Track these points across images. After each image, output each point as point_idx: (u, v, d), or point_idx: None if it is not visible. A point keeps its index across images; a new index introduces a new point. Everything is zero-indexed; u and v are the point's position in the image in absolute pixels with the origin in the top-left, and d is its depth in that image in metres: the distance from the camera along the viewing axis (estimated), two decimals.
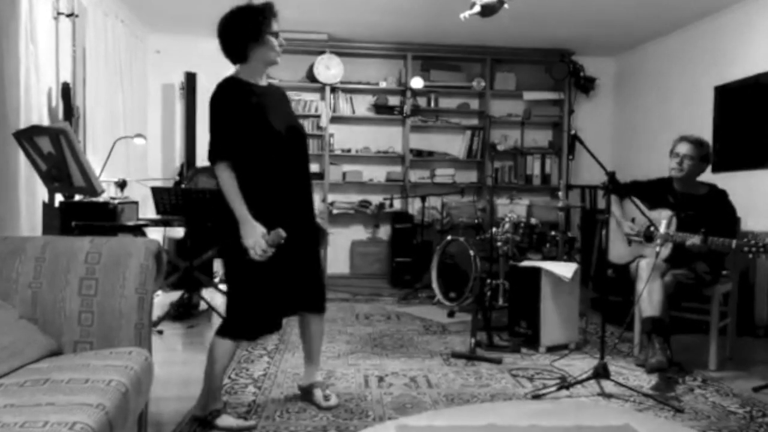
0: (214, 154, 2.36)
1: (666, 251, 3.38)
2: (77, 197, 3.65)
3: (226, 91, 2.40)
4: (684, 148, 3.53)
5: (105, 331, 1.97)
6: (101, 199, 3.61)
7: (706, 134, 5.09)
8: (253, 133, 2.33)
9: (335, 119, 6.49)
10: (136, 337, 1.97)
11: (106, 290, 1.98)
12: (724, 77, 5.11)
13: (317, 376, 2.79)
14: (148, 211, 4.62)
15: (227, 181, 2.33)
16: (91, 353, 1.91)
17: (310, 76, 6.38)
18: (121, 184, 4.18)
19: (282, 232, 2.27)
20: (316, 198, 2.74)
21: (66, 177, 2.90)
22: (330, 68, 6.31)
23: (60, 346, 1.96)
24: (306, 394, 2.78)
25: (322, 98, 6.43)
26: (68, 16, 4.24)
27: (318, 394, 2.73)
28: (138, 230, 3.72)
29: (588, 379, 3.00)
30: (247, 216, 2.29)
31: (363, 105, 6.58)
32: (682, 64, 5.72)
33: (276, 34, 2.40)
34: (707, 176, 3.77)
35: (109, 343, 1.97)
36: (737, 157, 4.91)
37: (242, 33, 2.38)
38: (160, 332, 4.05)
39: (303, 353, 2.81)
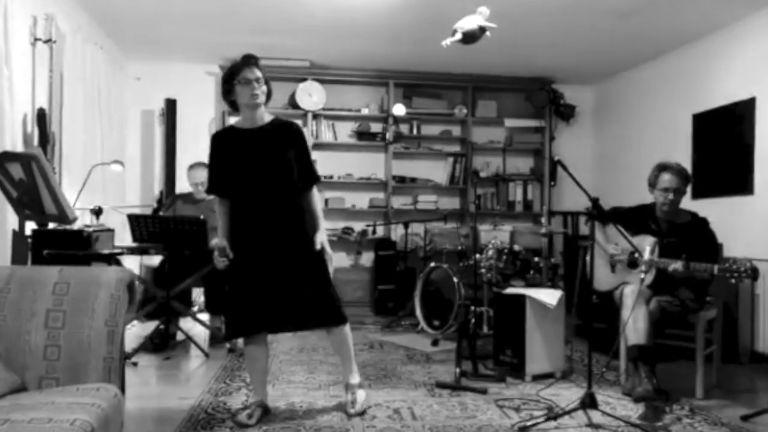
0: (206, 190, 3.03)
1: (650, 277, 3.36)
2: (51, 225, 3.54)
3: (212, 138, 2.95)
4: (671, 182, 3.51)
5: (72, 366, 1.87)
6: (75, 226, 3.51)
7: (686, 161, 5.14)
8: (228, 171, 2.86)
9: (317, 146, 6.46)
10: (105, 372, 1.88)
11: (74, 323, 1.89)
12: (701, 105, 5.18)
13: (351, 378, 3.07)
14: (125, 239, 4.51)
15: (217, 210, 2.99)
16: (57, 390, 1.81)
17: (292, 103, 6.36)
18: (97, 212, 4.08)
19: (220, 244, 2.88)
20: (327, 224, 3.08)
21: (37, 204, 2.81)
22: (312, 95, 6.30)
23: (24, 382, 1.86)
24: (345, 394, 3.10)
25: (305, 125, 6.40)
26: (46, 42, 4.18)
27: (348, 398, 3.03)
28: (112, 259, 3.62)
29: (575, 409, 2.94)
30: (216, 247, 2.95)
31: (345, 132, 6.57)
32: (660, 93, 5.80)
33: (247, 81, 2.76)
34: (688, 203, 3.78)
35: (77, 379, 1.87)
36: (716, 183, 4.95)
37: (223, 89, 2.88)
38: (135, 364, 3.91)
39: None
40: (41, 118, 4.06)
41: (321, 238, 2.90)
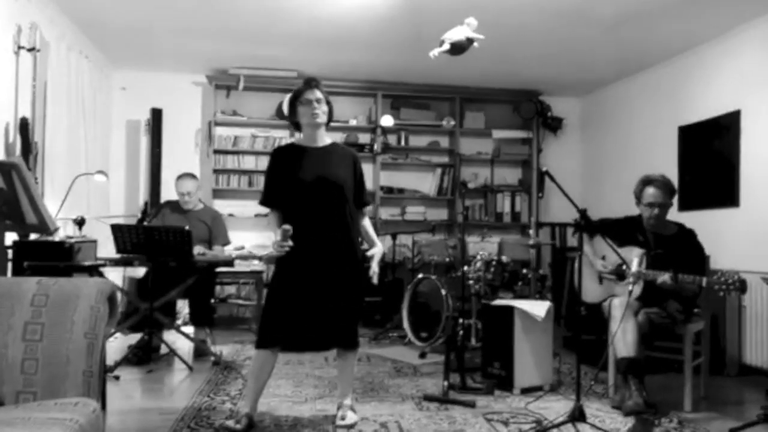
0: (260, 201, 3.07)
1: (638, 289, 3.35)
2: (32, 236, 3.48)
3: (273, 152, 3.10)
4: (656, 196, 3.51)
5: (50, 380, 1.81)
6: (57, 237, 3.44)
7: (672, 173, 5.16)
8: (287, 185, 2.94)
9: None
10: (84, 386, 1.82)
11: (52, 335, 1.83)
12: (687, 118, 5.23)
13: (346, 399, 3.07)
14: (109, 250, 4.44)
15: (269, 219, 3.07)
16: (34, 404, 1.75)
17: (280, 113, 6.34)
18: (80, 222, 4.01)
19: (286, 226, 2.77)
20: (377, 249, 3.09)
21: (18, 214, 2.75)
22: None
23: (0, 396, 1.80)
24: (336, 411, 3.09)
25: (291, 135, 6.38)
26: (29, 50, 4.13)
27: (338, 413, 3.04)
28: (95, 270, 3.55)
29: (564, 422, 2.91)
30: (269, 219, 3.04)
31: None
32: (647, 105, 5.85)
33: (308, 102, 2.92)
34: (675, 215, 3.79)
35: (55, 393, 1.81)
36: (702, 196, 4.98)
37: (288, 110, 3.07)
38: (117, 378, 3.83)
39: None
40: (24, 127, 4.00)
41: (378, 254, 3.02)
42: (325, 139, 3.06)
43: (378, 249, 3.05)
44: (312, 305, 2.86)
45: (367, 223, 3.14)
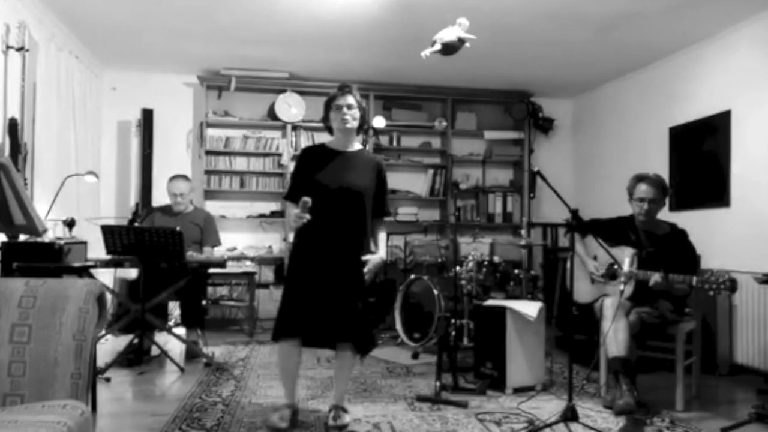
0: (284, 197, 3.14)
1: (630, 289, 3.36)
2: (21, 237, 3.45)
3: (302, 151, 3.14)
4: (648, 192, 3.53)
5: (38, 383, 1.79)
6: (46, 239, 3.42)
7: (663, 173, 5.17)
8: (308, 184, 2.96)
9: (296, 158, 6.41)
10: (73, 388, 1.80)
11: (40, 337, 1.81)
12: (678, 118, 5.25)
13: (337, 401, 3.07)
14: (100, 251, 4.41)
15: (286, 212, 3.24)
16: (22, 407, 1.73)
17: (272, 114, 6.32)
18: (70, 223, 3.98)
19: (305, 198, 2.79)
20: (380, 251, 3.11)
21: (6, 215, 2.72)
22: (291, 106, 6.27)
23: None
24: (327, 413, 3.08)
25: (284, 136, 6.37)
26: (18, 50, 4.09)
27: (330, 414, 3.03)
28: (84, 272, 3.52)
29: (556, 422, 2.92)
30: (288, 217, 3.01)
31: None
32: (638, 106, 5.87)
33: (339, 107, 2.98)
34: (666, 215, 3.80)
35: (43, 396, 1.79)
36: (693, 196, 5.00)
37: (323, 115, 3.09)
38: (108, 380, 3.80)
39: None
40: (13, 127, 3.97)
41: (375, 262, 3.00)
42: (355, 144, 3.11)
43: (375, 257, 3.02)
44: (324, 302, 2.90)
45: (379, 231, 3.11)
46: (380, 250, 3.08)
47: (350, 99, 2.99)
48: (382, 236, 3.13)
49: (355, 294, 2.95)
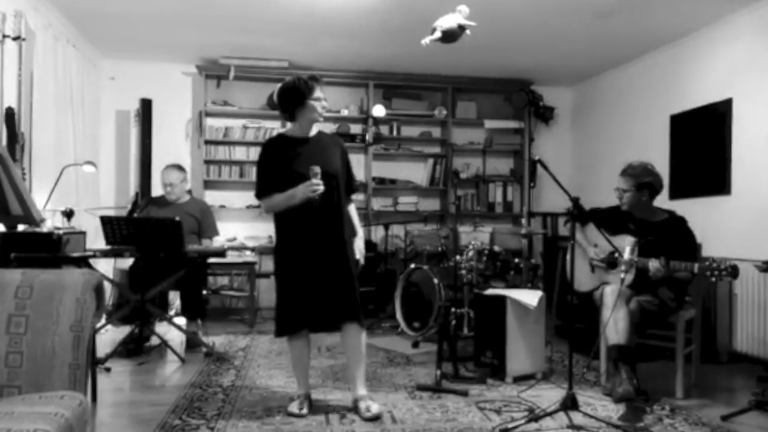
0: (256, 194, 3.08)
1: (630, 277, 3.35)
2: (20, 227, 3.43)
3: (264, 145, 3.13)
4: (619, 183, 3.59)
5: (35, 374, 1.78)
6: (45, 229, 3.40)
7: (663, 161, 5.17)
8: (281, 175, 2.95)
9: None
10: (71, 379, 1.79)
11: (37, 328, 1.81)
12: (679, 106, 5.22)
13: (360, 390, 3.05)
14: (100, 241, 4.40)
15: (267, 205, 3.05)
16: (18, 398, 1.72)
17: (271, 104, 6.28)
18: (68, 214, 3.96)
19: (315, 168, 2.86)
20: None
21: (2, 205, 2.71)
22: None
23: None
24: (354, 405, 3.05)
25: (283, 125, 6.33)
26: (15, 39, 4.06)
27: (361, 406, 2.99)
28: (83, 262, 3.51)
29: (556, 411, 2.92)
30: (290, 192, 2.91)
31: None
32: (638, 94, 5.83)
33: (318, 99, 2.99)
34: (666, 203, 3.79)
35: (40, 387, 1.78)
36: (694, 184, 4.98)
37: (291, 101, 3.01)
38: (108, 370, 3.81)
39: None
40: (10, 117, 3.95)
41: (359, 246, 3.14)
42: (314, 128, 3.12)
43: (359, 239, 3.17)
44: (319, 288, 2.96)
45: (352, 209, 3.20)
46: (359, 230, 3.19)
47: (322, 90, 3.04)
48: (354, 213, 3.20)
49: (347, 273, 3.00)
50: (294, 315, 2.99)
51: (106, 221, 4.03)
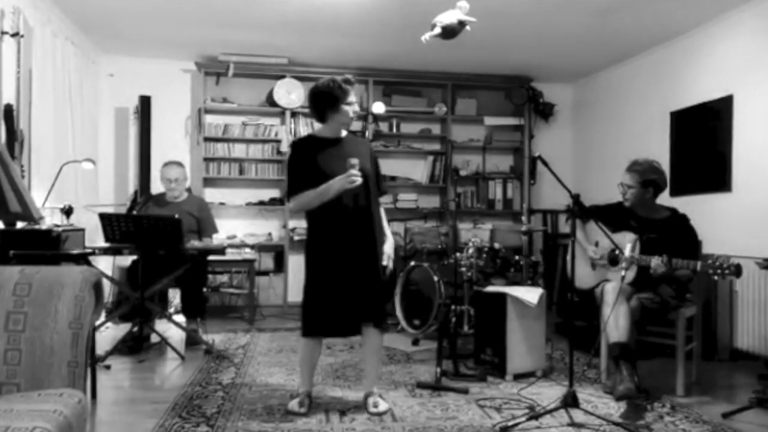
0: (287, 194, 3.06)
1: (631, 274, 3.34)
2: (19, 224, 3.42)
3: (293, 145, 3.17)
4: (625, 178, 3.58)
5: (34, 371, 1.77)
6: (44, 226, 3.39)
7: (664, 158, 5.16)
8: (312, 175, 2.94)
9: None
10: (70, 376, 1.78)
11: (35, 325, 1.79)
12: (679, 103, 5.20)
13: (370, 387, 3.10)
14: (100, 239, 4.39)
15: (298, 203, 3.00)
16: (17, 396, 1.72)
17: (270, 101, 6.27)
18: (67, 211, 3.95)
19: (352, 159, 2.85)
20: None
21: (1, 202, 2.70)
22: (290, 93, 6.21)
23: None
24: (364, 400, 3.09)
25: (283, 123, 6.32)
26: (13, 35, 4.04)
27: (369, 401, 3.04)
28: (82, 259, 3.50)
29: (557, 408, 2.91)
30: (324, 186, 2.89)
31: None
32: (639, 91, 5.82)
33: (351, 103, 2.99)
34: (666, 200, 3.77)
35: (39, 385, 1.77)
36: (694, 181, 4.97)
37: (324, 103, 3.01)
38: (108, 367, 3.80)
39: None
40: (8, 114, 3.93)
41: (388, 251, 3.08)
42: (342, 130, 3.12)
43: (388, 244, 3.11)
44: (348, 292, 2.94)
45: (382, 212, 3.17)
46: (388, 234, 3.15)
47: (355, 93, 3.04)
48: (384, 216, 3.17)
49: (375, 276, 2.99)
50: (324, 317, 2.96)
51: (105, 218, 4.02)
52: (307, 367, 3.11)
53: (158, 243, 4.02)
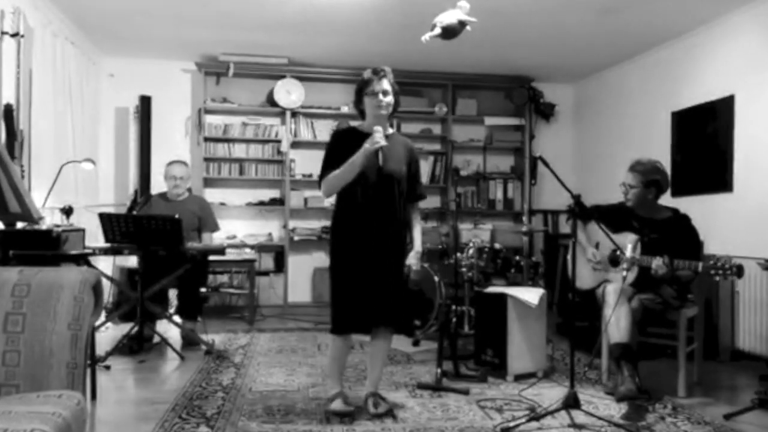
0: (319, 177, 3.01)
1: (632, 275, 3.33)
2: (19, 225, 3.41)
3: (333, 134, 3.21)
4: (627, 177, 3.57)
5: (33, 373, 1.76)
6: (44, 226, 3.38)
7: (665, 158, 5.14)
8: (340, 165, 2.88)
9: (296, 144, 6.37)
10: (69, 378, 1.78)
11: (34, 326, 1.78)
12: (680, 103, 5.19)
13: (374, 387, 3.06)
14: (100, 239, 4.38)
15: (327, 185, 2.95)
16: (16, 397, 1.71)
17: (271, 101, 6.26)
18: (67, 211, 3.94)
19: (377, 127, 2.84)
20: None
21: (0, 202, 2.69)
22: (291, 93, 6.21)
23: None
24: (364, 400, 3.05)
25: (283, 123, 6.32)
26: (13, 35, 4.04)
27: (370, 402, 3.00)
28: (82, 259, 3.49)
29: (558, 409, 2.90)
30: (349, 160, 2.84)
31: (324, 130, 6.46)
32: (640, 91, 5.81)
33: (373, 93, 2.91)
34: (668, 200, 3.76)
35: (38, 386, 1.76)
36: (696, 181, 4.96)
37: (355, 96, 3.03)
38: (108, 368, 3.79)
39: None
40: (8, 114, 3.92)
41: (412, 261, 3.01)
42: (387, 128, 3.03)
43: (413, 254, 3.03)
44: (372, 292, 2.89)
45: (416, 219, 3.11)
46: (417, 244, 3.06)
47: (386, 84, 2.93)
48: (417, 225, 3.10)
49: (398, 278, 2.96)
50: (354, 314, 2.92)
51: (105, 218, 4.01)
52: (338, 365, 3.04)
53: (158, 243, 4.01)
